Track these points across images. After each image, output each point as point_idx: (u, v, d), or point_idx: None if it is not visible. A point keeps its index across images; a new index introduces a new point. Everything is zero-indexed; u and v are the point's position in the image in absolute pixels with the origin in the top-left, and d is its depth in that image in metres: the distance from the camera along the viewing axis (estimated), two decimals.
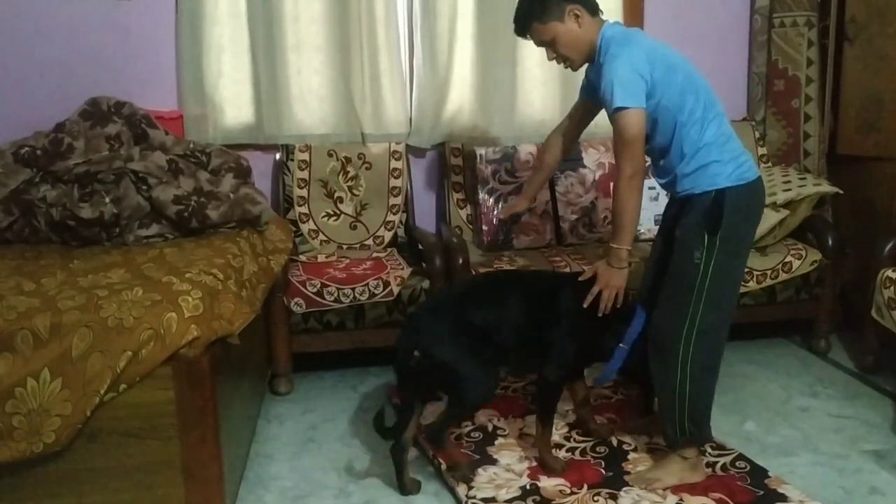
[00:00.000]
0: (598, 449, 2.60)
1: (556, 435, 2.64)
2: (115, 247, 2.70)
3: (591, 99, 2.59)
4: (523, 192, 3.00)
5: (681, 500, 2.31)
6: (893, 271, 3.09)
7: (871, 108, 3.62)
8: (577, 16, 2.37)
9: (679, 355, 2.32)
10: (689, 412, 2.35)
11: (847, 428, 2.81)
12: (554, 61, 2.50)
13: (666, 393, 2.38)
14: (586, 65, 2.54)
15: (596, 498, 2.30)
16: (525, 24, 2.43)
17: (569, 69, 2.53)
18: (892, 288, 3.05)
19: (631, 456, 2.56)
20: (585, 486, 2.37)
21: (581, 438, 2.67)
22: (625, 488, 2.36)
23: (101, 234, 2.75)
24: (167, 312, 1.97)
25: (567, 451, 2.59)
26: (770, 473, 2.44)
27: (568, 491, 2.35)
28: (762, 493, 2.34)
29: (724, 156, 2.35)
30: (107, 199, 2.75)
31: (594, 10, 2.42)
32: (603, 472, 2.46)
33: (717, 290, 2.32)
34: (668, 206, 2.61)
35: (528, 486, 2.37)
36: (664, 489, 2.35)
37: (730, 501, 2.29)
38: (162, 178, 2.84)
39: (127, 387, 1.94)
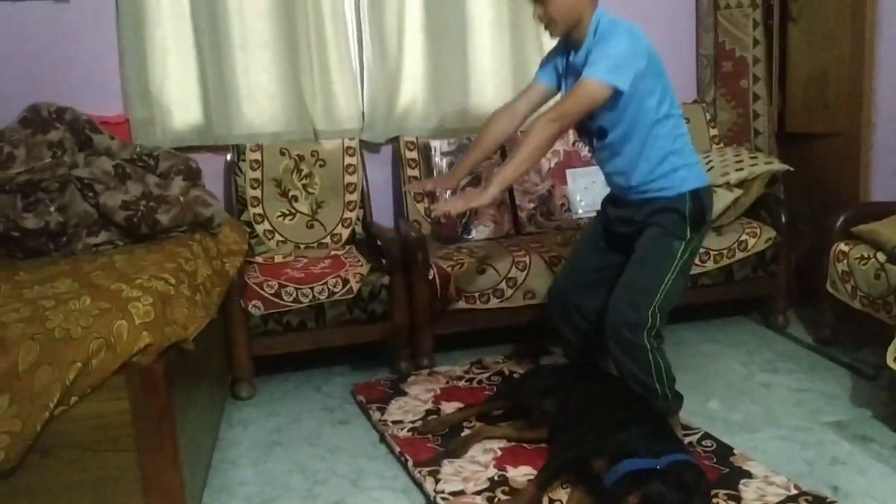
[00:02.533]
0: None
1: None
2: (63, 257, 2.62)
3: (552, 84, 2.57)
4: (452, 171, 2.87)
5: None
6: (846, 245, 3.14)
7: (817, 85, 3.67)
8: None
9: (647, 341, 2.37)
10: (668, 381, 2.42)
11: (807, 401, 2.85)
12: (536, 19, 2.41)
13: (644, 376, 2.41)
14: (554, 49, 2.52)
15: (565, 485, 2.30)
16: None
17: (547, 31, 2.45)
18: (844, 261, 3.10)
19: None
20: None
21: None
22: None
23: (48, 245, 2.66)
24: (117, 320, 1.91)
25: None
26: (735, 450, 2.46)
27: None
28: (728, 470, 2.36)
29: (690, 160, 2.45)
30: (52, 208, 2.66)
31: None
32: None
33: (681, 280, 2.44)
34: (611, 207, 2.63)
35: (495, 478, 2.36)
36: None
37: None
38: (109, 184, 2.76)
39: (78, 399, 1.87)
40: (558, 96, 2.56)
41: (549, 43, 2.66)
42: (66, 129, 2.91)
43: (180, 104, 3.47)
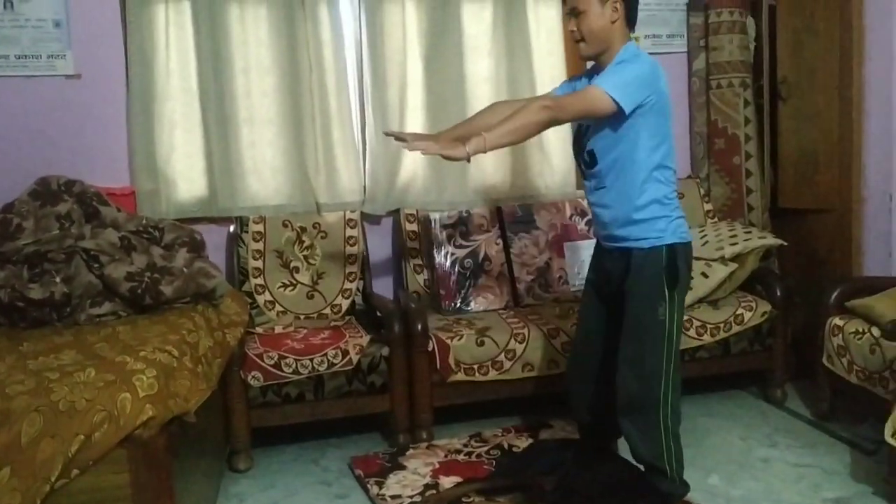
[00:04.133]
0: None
1: None
2: (67, 327, 2.65)
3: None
4: (436, 135, 2.75)
5: None
6: (840, 319, 3.17)
7: (807, 161, 3.77)
8: (615, 10, 2.36)
9: (660, 418, 2.35)
10: (677, 467, 2.40)
11: (807, 476, 2.84)
12: (570, 29, 2.43)
13: (654, 455, 2.40)
14: (581, 73, 2.56)
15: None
16: None
17: (577, 47, 2.46)
18: (840, 335, 3.13)
19: None
20: None
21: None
22: None
23: (52, 315, 2.69)
24: (121, 393, 1.92)
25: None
26: None
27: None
28: None
29: (673, 213, 2.43)
30: (57, 279, 2.70)
31: (632, 21, 2.43)
32: None
33: (677, 344, 2.42)
34: (596, 261, 2.65)
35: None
36: None
37: None
38: (114, 256, 2.81)
39: (79, 472, 1.88)
40: None
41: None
42: (74, 202, 2.97)
43: (186, 177, 3.54)
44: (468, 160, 2.28)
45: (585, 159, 2.47)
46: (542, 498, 2.51)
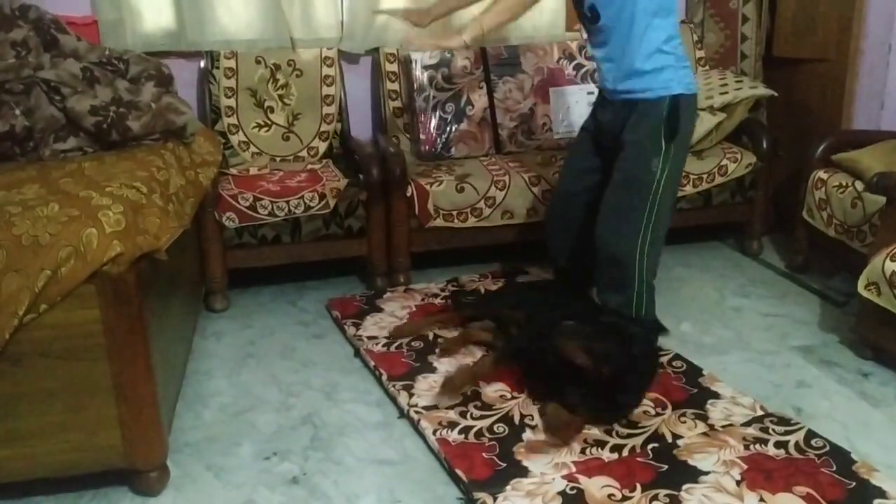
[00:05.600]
0: None
1: None
2: (30, 162, 2.53)
3: None
4: (427, 9, 2.78)
5: None
6: (825, 172, 3.14)
7: (807, 9, 3.60)
8: None
9: (636, 269, 2.34)
10: (647, 315, 2.42)
11: (777, 325, 2.90)
12: None
13: (624, 306, 2.41)
14: None
15: (535, 402, 2.33)
16: None
17: None
18: (822, 189, 3.10)
19: None
20: (526, 392, 2.40)
21: None
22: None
23: (14, 149, 2.57)
24: (86, 228, 1.85)
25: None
26: (704, 372, 2.51)
27: (509, 396, 2.38)
28: (696, 391, 2.40)
29: (678, 62, 2.36)
30: (17, 111, 2.56)
31: None
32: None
33: (669, 198, 2.39)
34: (600, 110, 2.57)
35: (468, 393, 2.39)
36: None
37: (665, 400, 2.35)
38: (76, 88, 2.65)
39: (48, 307, 1.84)
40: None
41: None
42: (30, 28, 2.77)
43: (152, 7, 3.32)
44: (467, 47, 2.34)
45: (587, 15, 2.39)
46: (511, 335, 2.53)
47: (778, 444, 2.12)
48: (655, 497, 1.93)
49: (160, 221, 2.10)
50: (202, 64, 3.39)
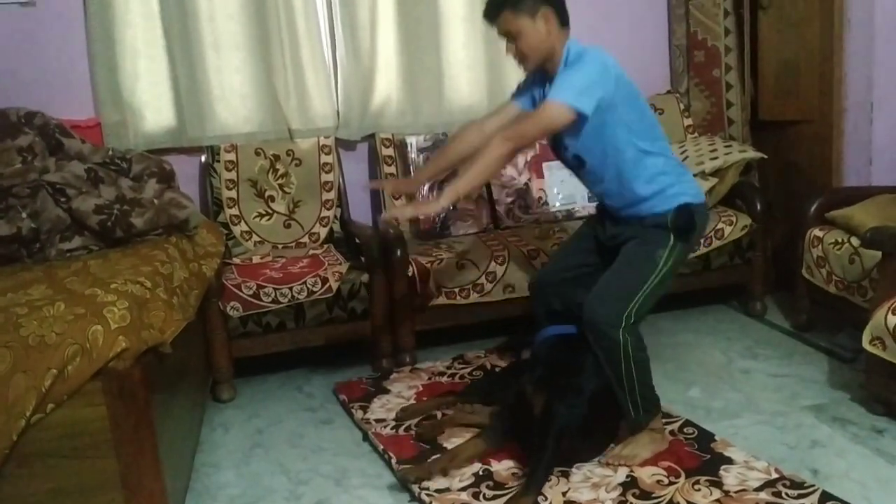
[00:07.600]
0: None
1: None
2: (37, 263, 2.59)
3: (527, 109, 2.52)
4: (412, 176, 2.86)
5: (631, 472, 2.32)
6: (820, 230, 3.17)
7: (788, 73, 3.71)
8: (547, 19, 2.32)
9: (620, 341, 2.31)
10: (640, 390, 2.37)
11: (786, 386, 2.88)
12: (510, 54, 2.42)
13: (616, 379, 2.38)
14: (531, 75, 2.51)
15: (550, 477, 2.30)
16: (498, 9, 2.35)
17: (520, 67, 2.46)
18: (819, 246, 3.13)
19: None
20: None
21: None
22: (577, 465, 2.37)
23: (21, 251, 2.63)
24: (92, 325, 1.88)
25: None
26: (716, 437, 2.48)
27: (521, 474, 2.35)
28: (709, 457, 2.37)
29: (679, 177, 2.44)
30: (23, 214, 2.63)
31: (564, 21, 2.38)
32: None
33: (661, 290, 2.40)
34: (609, 224, 2.56)
35: (480, 472, 2.36)
36: (642, 463, 2.35)
37: (678, 468, 2.32)
38: (81, 189, 2.73)
39: (55, 406, 1.85)
40: None
41: None
42: (35, 134, 2.87)
43: (153, 106, 3.43)
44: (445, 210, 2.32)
45: (573, 163, 2.47)
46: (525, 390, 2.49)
47: None
48: None
49: (165, 315, 2.13)
50: (203, 158, 3.48)
